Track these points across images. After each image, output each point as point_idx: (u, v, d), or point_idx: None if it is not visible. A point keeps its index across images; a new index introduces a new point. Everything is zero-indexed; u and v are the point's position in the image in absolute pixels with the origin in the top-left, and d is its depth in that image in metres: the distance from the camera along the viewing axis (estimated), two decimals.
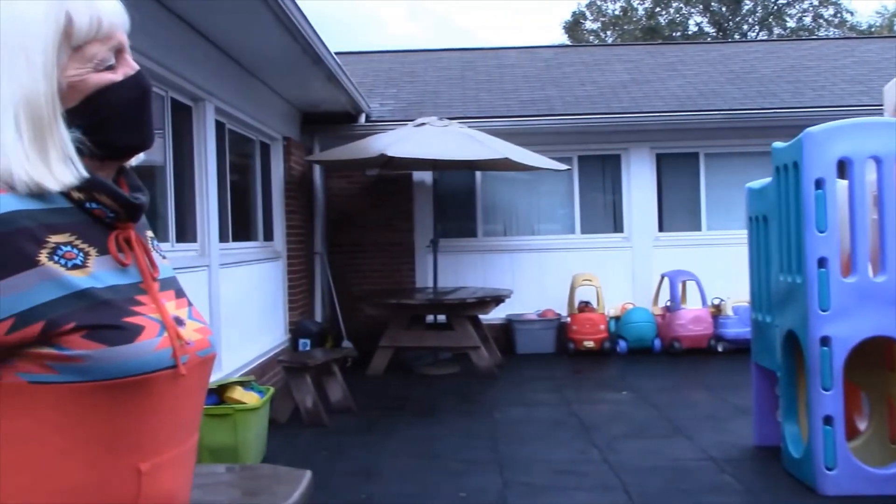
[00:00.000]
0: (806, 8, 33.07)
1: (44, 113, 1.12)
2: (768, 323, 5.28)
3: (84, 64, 1.17)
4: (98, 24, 1.17)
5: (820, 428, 4.47)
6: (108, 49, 1.19)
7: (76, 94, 1.17)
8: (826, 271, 4.47)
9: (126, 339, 1.12)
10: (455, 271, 10.39)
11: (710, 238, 10.43)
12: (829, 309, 4.45)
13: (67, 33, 1.15)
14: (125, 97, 1.21)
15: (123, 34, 1.23)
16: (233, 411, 5.07)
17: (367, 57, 13.88)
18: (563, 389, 7.79)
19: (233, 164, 7.41)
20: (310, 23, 6.30)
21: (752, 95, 10.82)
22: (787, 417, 5.01)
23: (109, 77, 1.19)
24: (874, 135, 4.51)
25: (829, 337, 4.44)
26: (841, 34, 30.73)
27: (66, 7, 1.15)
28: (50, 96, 1.13)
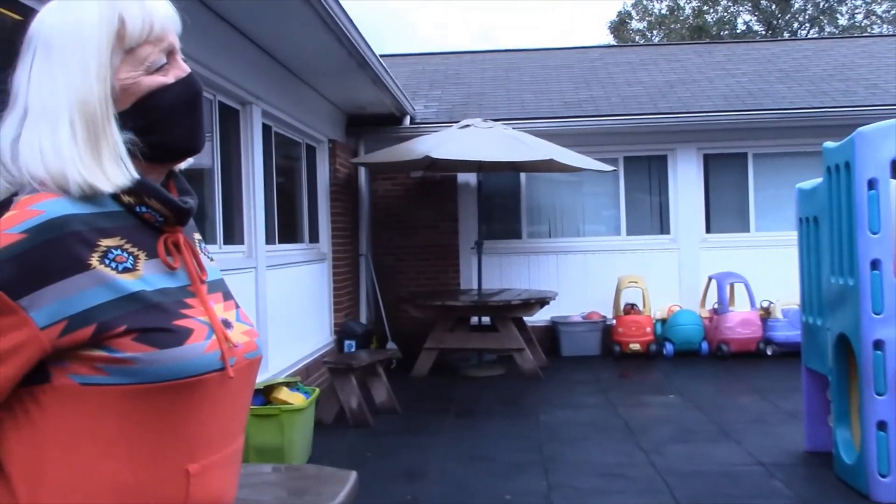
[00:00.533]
0: (858, 4, 32.41)
1: (97, 115, 1.14)
2: (819, 326, 5.18)
3: (136, 67, 1.19)
4: (150, 27, 1.19)
5: (873, 433, 4.38)
6: (159, 51, 1.21)
7: (129, 97, 1.18)
8: (879, 273, 4.37)
9: (175, 342, 1.13)
10: (500, 273, 10.37)
11: (758, 239, 10.27)
12: (882, 312, 4.35)
13: (120, 36, 1.17)
14: (176, 100, 1.22)
15: (175, 36, 1.24)
16: (279, 412, 5.12)
17: (411, 59, 13.92)
18: (609, 392, 7.73)
19: (279, 167, 7.49)
20: (355, 26, 6.34)
21: (802, 94, 10.63)
22: (838, 422, 4.91)
23: (161, 79, 1.20)
24: None
25: (882, 340, 4.35)
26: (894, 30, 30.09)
27: (119, 10, 1.17)
28: (103, 98, 1.15)
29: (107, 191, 1.14)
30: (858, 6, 32.43)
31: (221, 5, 5.41)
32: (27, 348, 1.06)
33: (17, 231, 1.06)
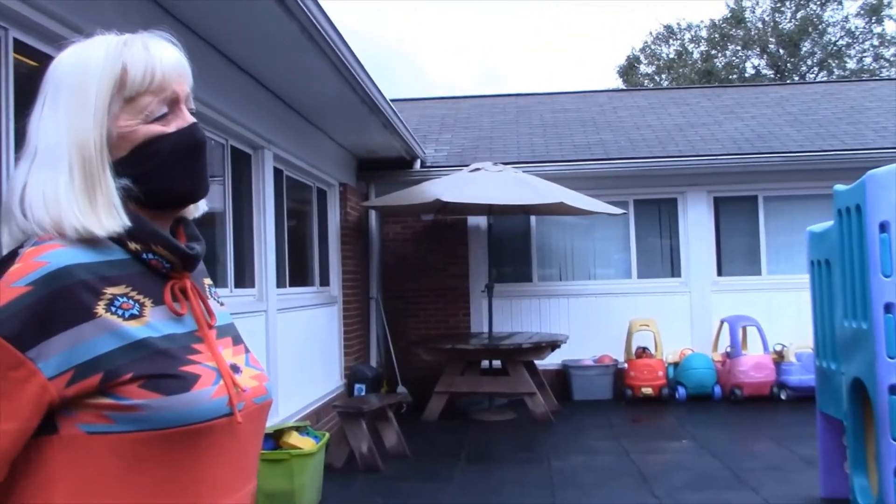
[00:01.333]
0: (866, 49, 32.61)
1: (93, 159, 1.16)
2: (833, 370, 5.13)
3: (135, 115, 1.20)
4: (152, 77, 1.20)
5: (891, 480, 4.30)
6: (160, 101, 1.21)
7: (126, 144, 1.19)
8: (893, 317, 4.34)
9: (182, 388, 1.12)
10: (510, 316, 10.34)
11: (770, 282, 10.22)
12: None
13: (122, 83, 1.19)
14: (174, 149, 1.22)
15: (181, 86, 1.25)
16: (289, 456, 5.08)
17: (421, 103, 14.04)
18: (621, 437, 7.64)
19: (290, 210, 7.52)
20: (367, 73, 6.40)
21: (811, 137, 10.66)
22: (855, 468, 4.83)
23: (159, 129, 1.21)
24: None
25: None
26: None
27: (123, 57, 1.19)
28: (99, 143, 1.16)
29: (101, 235, 1.14)
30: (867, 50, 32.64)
31: (234, 51, 5.48)
32: (38, 400, 1.06)
33: (22, 284, 1.07)
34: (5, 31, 3.32)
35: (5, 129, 3.28)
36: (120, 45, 1.21)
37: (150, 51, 1.22)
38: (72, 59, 1.20)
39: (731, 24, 33.14)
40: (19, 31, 3.40)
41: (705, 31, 33.72)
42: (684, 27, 34.14)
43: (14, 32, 3.37)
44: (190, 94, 1.28)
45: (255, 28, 5.01)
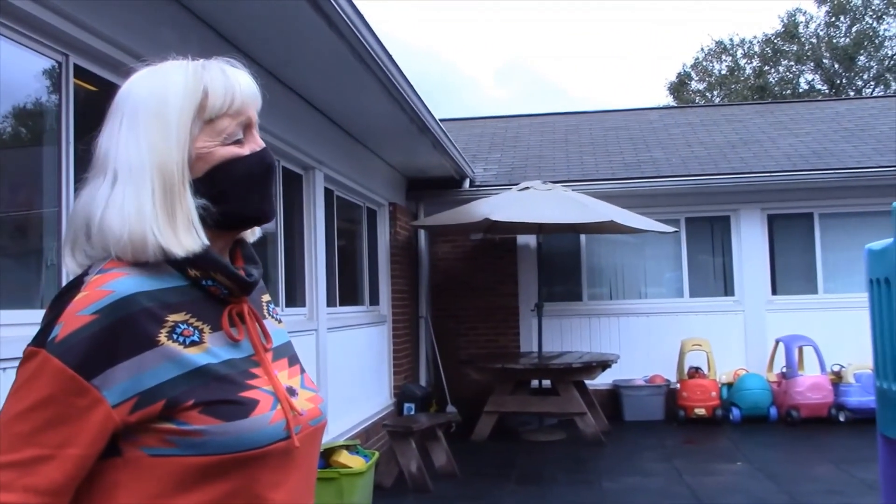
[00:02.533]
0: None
1: (175, 180, 1.18)
2: (895, 391, 4.99)
3: (214, 137, 1.22)
4: (231, 101, 1.23)
5: None
6: (237, 124, 1.25)
7: (203, 165, 1.22)
8: None
9: (242, 414, 1.14)
10: (560, 335, 10.27)
11: (827, 301, 10.00)
12: None
13: (202, 106, 1.21)
14: (248, 171, 1.25)
15: (254, 111, 1.28)
16: (339, 475, 5.09)
17: (470, 123, 14.08)
18: (674, 459, 7.52)
19: (340, 230, 7.58)
20: (417, 93, 6.44)
21: (868, 153, 10.44)
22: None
23: (236, 151, 1.24)
24: None
25: None
26: None
27: (205, 82, 1.23)
28: (181, 164, 1.19)
29: (179, 255, 1.16)
30: None
31: (285, 73, 5.56)
32: (102, 427, 1.08)
33: (88, 312, 1.09)
34: (66, 58, 3.41)
35: (65, 155, 3.36)
36: (199, 69, 1.24)
37: (229, 75, 1.25)
38: (149, 83, 1.23)
39: (784, 39, 32.71)
40: (80, 57, 3.49)
41: (758, 47, 33.32)
42: (737, 42, 33.77)
43: (74, 59, 3.46)
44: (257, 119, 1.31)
45: (307, 50, 5.07)
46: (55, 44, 3.33)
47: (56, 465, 1.06)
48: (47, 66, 3.40)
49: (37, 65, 3.35)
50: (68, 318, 1.09)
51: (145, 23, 3.82)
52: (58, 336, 1.08)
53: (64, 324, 1.09)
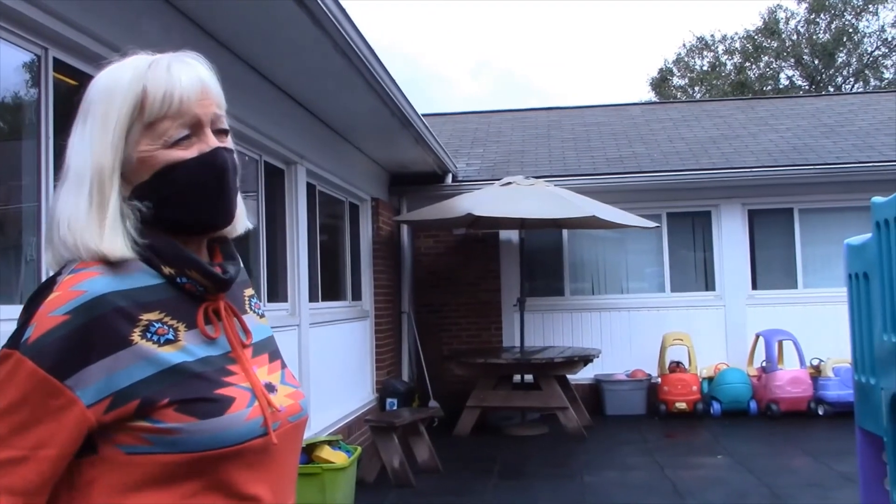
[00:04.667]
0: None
1: (106, 184, 1.16)
2: (872, 385, 5.04)
3: (155, 140, 1.19)
4: (170, 102, 1.18)
5: None
6: (179, 125, 1.19)
7: (147, 170, 1.19)
8: None
9: (217, 412, 1.13)
10: (542, 330, 10.30)
11: (806, 296, 10.09)
12: None
13: (142, 108, 1.18)
14: (194, 175, 1.20)
15: (204, 108, 1.22)
16: (321, 471, 5.09)
17: (453, 118, 14.08)
18: (655, 452, 7.56)
19: (322, 225, 7.56)
20: (399, 87, 6.44)
21: (847, 149, 10.52)
22: (895, 485, 4.74)
23: (179, 155, 1.19)
24: None
25: None
26: None
27: (145, 82, 1.19)
28: (111, 169, 1.17)
29: (113, 258, 1.14)
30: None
31: (268, 68, 5.54)
32: (77, 428, 1.08)
33: (60, 313, 1.09)
34: (45, 51, 3.38)
35: (45, 150, 3.34)
36: (144, 68, 1.20)
37: (172, 74, 1.20)
38: (103, 81, 1.21)
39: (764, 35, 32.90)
40: (59, 50, 3.46)
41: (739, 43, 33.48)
42: (718, 38, 33.93)
43: (54, 52, 3.43)
44: (220, 115, 1.25)
45: (289, 45, 5.06)
46: (34, 37, 3.30)
47: (31, 466, 1.06)
48: (27, 60, 3.37)
49: (16, 58, 3.32)
50: (41, 319, 1.09)
51: (126, 16, 3.79)
52: (30, 337, 1.08)
53: (36, 325, 1.08)
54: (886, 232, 4.68)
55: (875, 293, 4.95)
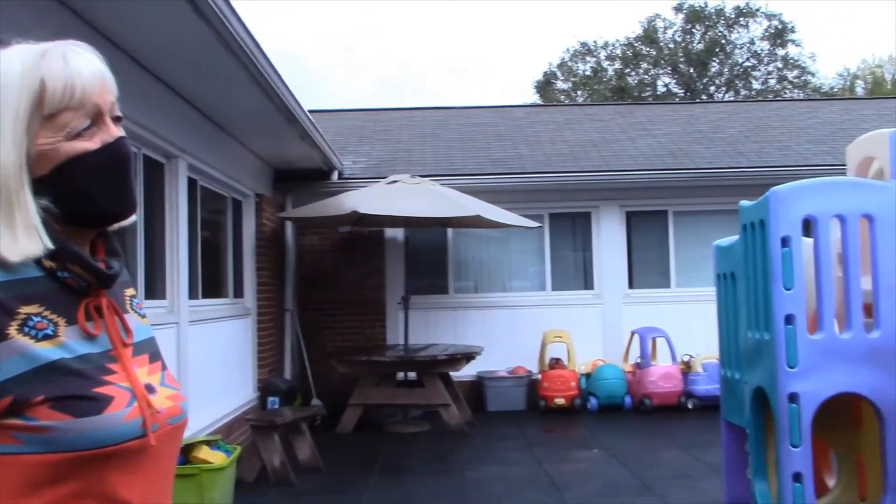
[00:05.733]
0: (771, 70, 33.93)
1: (11, 182, 1.11)
2: (737, 379, 5.30)
3: (56, 132, 1.15)
4: (71, 93, 1.16)
5: (789, 485, 4.47)
6: (82, 116, 1.17)
7: (47, 163, 1.15)
8: (793, 328, 4.50)
9: (94, 410, 1.10)
10: (426, 328, 10.36)
11: (679, 295, 10.51)
12: (796, 366, 4.48)
13: (40, 101, 1.14)
14: (99, 166, 1.18)
15: (103, 97, 1.20)
16: (199, 471, 4.99)
17: (339, 115, 14.00)
18: (534, 447, 7.74)
19: (204, 221, 7.40)
20: (285, 83, 6.36)
21: (719, 155, 11.01)
22: (756, 475, 5.00)
23: (83, 146, 1.17)
24: (838, 194, 4.60)
25: (797, 393, 4.46)
26: (804, 95, 31.53)
27: (42, 74, 1.15)
28: (17, 164, 1.12)
29: (15, 261, 1.11)
30: (771, 72, 33.94)
31: (148, 59, 5.38)
32: None
33: None
34: None
35: None
36: (38, 59, 1.16)
37: (70, 64, 1.17)
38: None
39: (644, 43, 34.04)
40: None
41: (620, 49, 34.53)
42: (600, 45, 34.90)
43: None
44: (115, 104, 1.23)
45: (171, 36, 4.93)
46: None
47: None
48: None
49: None
50: None
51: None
52: None
53: None
54: (752, 234, 4.93)
55: (741, 292, 5.21)
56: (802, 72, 33.67)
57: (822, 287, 4.58)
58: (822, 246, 4.59)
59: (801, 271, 4.57)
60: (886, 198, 4.56)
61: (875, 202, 4.56)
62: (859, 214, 4.57)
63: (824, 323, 4.53)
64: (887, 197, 4.56)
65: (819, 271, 4.59)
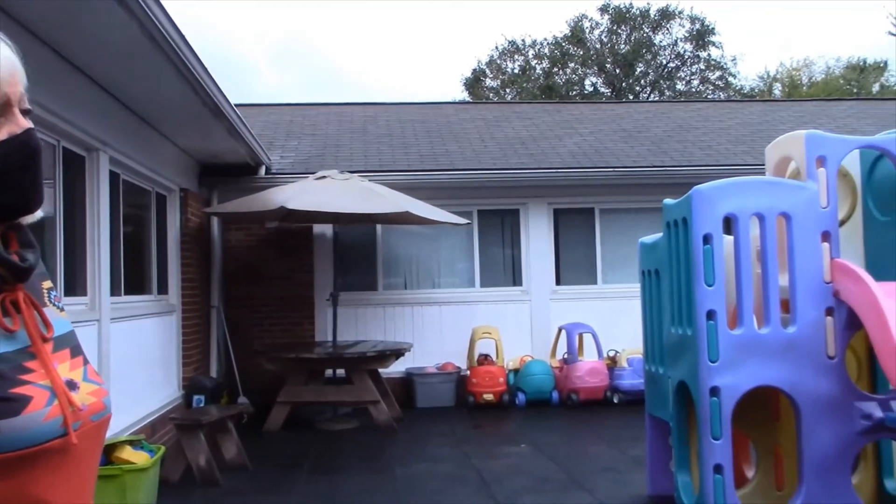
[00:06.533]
0: (694, 71, 34.70)
1: None
2: (661, 374, 5.42)
3: None
4: None
5: (710, 476, 4.58)
6: None
7: None
8: (714, 324, 4.62)
9: (13, 412, 1.07)
10: (355, 325, 10.32)
11: (605, 291, 10.68)
12: (717, 360, 4.60)
13: None
14: (8, 157, 1.14)
15: (13, 87, 1.16)
16: (121, 472, 4.88)
17: (267, 109, 13.84)
18: (463, 443, 7.78)
19: (127, 216, 7.23)
20: (211, 76, 6.25)
21: (643, 153, 11.22)
22: (679, 467, 5.12)
23: None
24: (757, 193, 4.74)
25: (718, 387, 4.58)
26: (726, 97, 32.34)
27: None
28: None
29: None
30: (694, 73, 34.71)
31: (68, 49, 5.23)
32: None
33: None
34: None
35: None
36: None
37: None
38: None
39: (571, 43, 34.46)
40: None
41: (548, 48, 34.90)
42: (529, 43, 35.20)
43: None
44: (24, 95, 1.19)
45: (92, 26, 4.80)
46: None
47: None
48: None
49: None
50: None
51: None
52: None
53: None
54: (676, 232, 5.04)
55: (664, 288, 5.32)
56: (724, 73, 34.54)
57: (741, 284, 4.71)
58: (741, 243, 4.72)
59: (721, 268, 4.70)
60: (803, 197, 4.71)
61: (792, 201, 4.71)
62: (777, 213, 4.71)
63: (744, 318, 4.66)
64: (803, 196, 4.72)
65: (739, 268, 4.72)
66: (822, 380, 4.58)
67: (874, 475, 5.09)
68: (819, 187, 4.71)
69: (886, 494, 5.00)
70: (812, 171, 4.74)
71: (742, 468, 5.26)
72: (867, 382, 5.03)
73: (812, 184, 4.72)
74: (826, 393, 4.57)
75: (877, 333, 4.18)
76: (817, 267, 4.65)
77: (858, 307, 4.41)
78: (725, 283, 4.72)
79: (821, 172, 4.73)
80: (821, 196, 4.70)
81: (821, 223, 4.69)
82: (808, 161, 4.76)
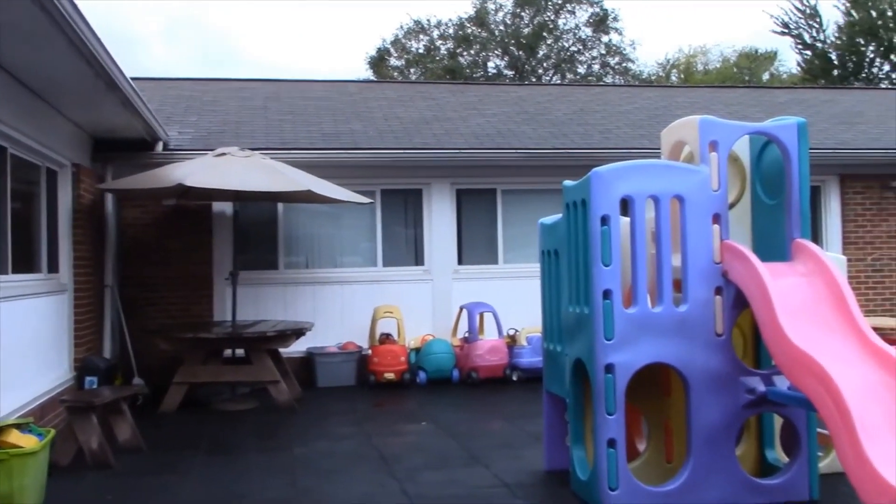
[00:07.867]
0: (595, 56, 35.33)
1: None
2: (559, 352, 5.54)
3: None
4: None
5: (604, 451, 4.72)
6: None
7: None
8: (611, 303, 4.75)
9: None
10: (255, 304, 10.19)
11: (506, 271, 10.83)
12: (613, 338, 4.73)
13: None
14: None
15: None
16: (8, 456, 4.71)
17: (165, 83, 13.44)
18: (364, 422, 7.79)
19: (14, 191, 6.93)
20: (105, 47, 6.03)
21: (545, 136, 11.38)
22: (575, 442, 5.26)
23: None
24: (653, 176, 4.88)
25: (613, 364, 4.72)
26: (625, 81, 33.06)
27: None
28: None
29: None
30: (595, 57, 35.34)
31: None
32: None
33: None
34: None
35: None
36: None
37: None
38: None
39: (475, 24, 34.58)
40: None
41: (452, 29, 34.94)
42: (434, 24, 35.17)
43: None
44: None
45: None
46: None
47: None
48: None
49: None
50: None
51: None
52: None
53: None
54: (574, 213, 5.14)
55: (563, 268, 5.43)
56: (623, 59, 35.28)
57: (637, 264, 4.85)
58: (637, 225, 4.86)
59: (618, 249, 4.83)
60: (696, 180, 4.88)
61: (685, 184, 4.87)
62: (671, 195, 4.87)
63: (638, 297, 4.81)
64: (696, 179, 4.88)
65: (635, 249, 4.86)
66: (710, 356, 4.77)
67: (756, 447, 5.34)
68: (711, 171, 4.88)
69: (768, 464, 5.25)
70: (705, 155, 4.91)
71: (634, 442, 5.44)
72: (752, 359, 5.26)
73: (704, 167, 4.89)
74: (714, 369, 4.77)
75: (762, 312, 4.37)
76: (708, 248, 4.83)
77: (745, 287, 4.60)
78: (621, 263, 4.85)
79: (713, 157, 4.90)
80: (712, 179, 4.88)
81: (712, 206, 4.87)
82: (702, 145, 4.92)
